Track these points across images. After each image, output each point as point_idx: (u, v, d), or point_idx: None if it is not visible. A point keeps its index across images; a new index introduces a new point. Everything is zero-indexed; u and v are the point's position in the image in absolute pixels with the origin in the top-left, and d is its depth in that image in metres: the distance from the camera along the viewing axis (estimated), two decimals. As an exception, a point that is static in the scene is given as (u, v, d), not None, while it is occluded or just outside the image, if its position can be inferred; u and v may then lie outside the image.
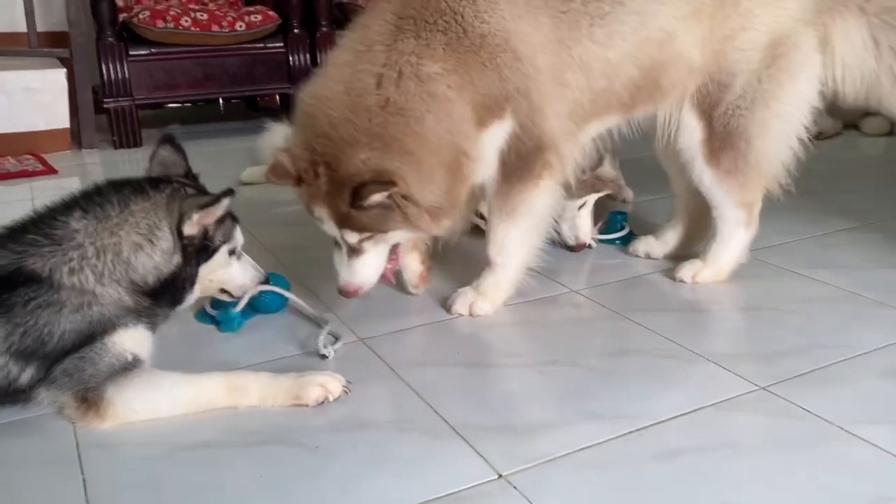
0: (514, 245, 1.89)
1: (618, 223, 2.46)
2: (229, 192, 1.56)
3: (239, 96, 5.08)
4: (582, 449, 1.36)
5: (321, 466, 1.33)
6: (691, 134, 1.95)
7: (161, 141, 1.71)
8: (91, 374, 1.45)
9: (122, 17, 4.17)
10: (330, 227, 1.71)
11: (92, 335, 1.46)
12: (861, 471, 1.30)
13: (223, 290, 1.75)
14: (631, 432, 1.41)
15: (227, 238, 1.65)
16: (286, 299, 1.90)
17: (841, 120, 3.90)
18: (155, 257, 1.54)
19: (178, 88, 4.23)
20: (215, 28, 4.13)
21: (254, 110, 5.16)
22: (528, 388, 1.61)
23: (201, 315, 1.93)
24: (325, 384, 1.53)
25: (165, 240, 1.54)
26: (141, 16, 4.02)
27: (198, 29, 4.10)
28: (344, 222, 1.68)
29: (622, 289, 2.10)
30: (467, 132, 1.70)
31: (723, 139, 1.92)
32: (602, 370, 1.65)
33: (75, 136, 4.10)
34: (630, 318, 1.89)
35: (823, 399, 1.51)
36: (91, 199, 1.54)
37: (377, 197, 1.60)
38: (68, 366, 1.44)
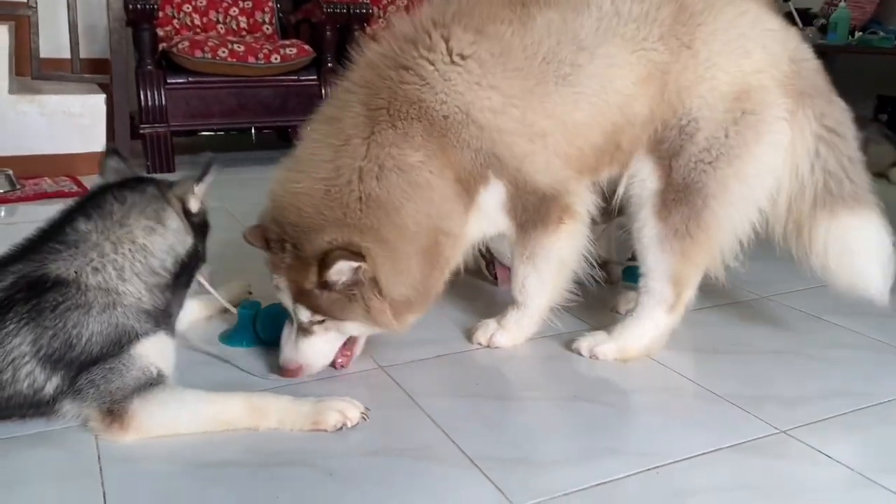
0: (535, 287, 1.88)
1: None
2: (213, 158, 1.64)
3: (271, 126, 5.17)
4: (598, 484, 1.36)
5: (338, 492, 1.34)
6: (644, 182, 1.78)
7: (107, 154, 1.73)
8: (118, 387, 1.48)
9: (161, 46, 4.29)
10: (285, 298, 1.69)
11: (118, 341, 1.50)
12: (882, 519, 1.28)
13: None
14: (648, 470, 1.40)
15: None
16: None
17: (869, 169, 3.88)
18: (168, 237, 1.60)
19: (212, 117, 4.33)
20: (251, 60, 4.23)
21: (285, 141, 5.24)
22: (546, 422, 1.61)
23: (227, 339, 1.95)
24: (344, 411, 1.54)
25: (173, 219, 1.61)
26: (180, 45, 4.14)
27: (234, 60, 4.20)
28: (300, 297, 1.65)
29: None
30: (448, 211, 1.71)
31: (679, 192, 1.74)
32: (621, 407, 1.65)
33: (111, 160, 4.19)
34: (651, 356, 1.88)
35: (845, 445, 1.50)
36: (88, 204, 1.60)
37: (343, 266, 1.57)
38: (95, 377, 1.48)
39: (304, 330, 1.69)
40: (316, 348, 1.71)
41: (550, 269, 1.86)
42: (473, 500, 1.32)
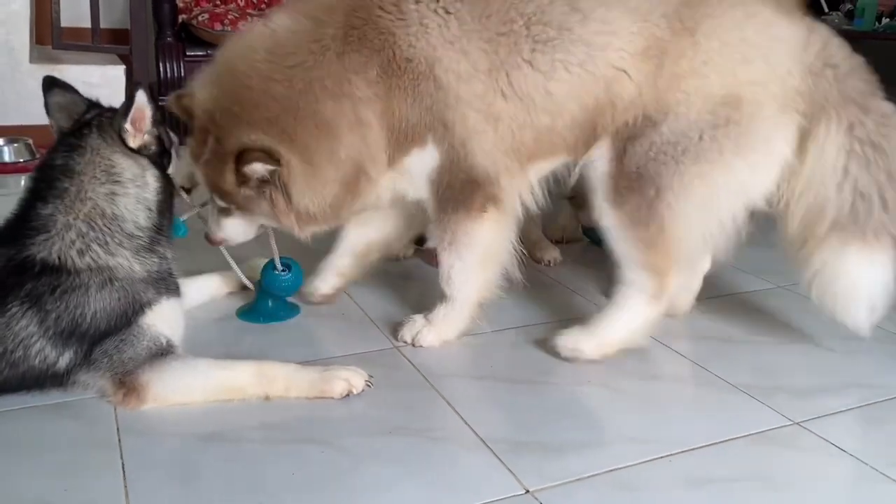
0: (460, 277, 1.80)
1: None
2: (137, 86, 1.60)
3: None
4: (611, 470, 1.37)
5: (352, 470, 1.36)
6: (595, 162, 1.69)
7: (46, 87, 1.67)
8: (130, 357, 1.51)
9: (181, 18, 4.28)
10: (202, 187, 1.73)
11: (124, 314, 1.52)
12: (894, 513, 1.29)
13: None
14: (662, 457, 1.41)
15: (171, 140, 1.71)
16: (298, 284, 1.95)
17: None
18: (131, 191, 1.58)
19: (231, 90, 4.32)
20: (271, 33, 4.22)
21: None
22: (560, 407, 1.61)
23: (243, 314, 1.97)
24: (350, 379, 1.57)
25: (127, 168, 1.59)
26: (200, 18, 4.12)
27: (254, 33, 4.19)
28: (215, 188, 1.69)
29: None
30: (375, 156, 1.66)
31: (631, 180, 1.64)
32: (635, 394, 1.65)
33: (129, 131, 4.20)
34: (666, 344, 1.88)
35: (859, 438, 1.50)
36: (40, 186, 1.58)
37: (258, 167, 1.58)
38: (108, 348, 1.50)
39: (223, 211, 1.75)
40: (234, 227, 1.78)
41: (474, 258, 1.77)
42: (486, 482, 1.33)
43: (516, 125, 1.66)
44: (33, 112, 3.88)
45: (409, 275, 2.33)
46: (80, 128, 1.61)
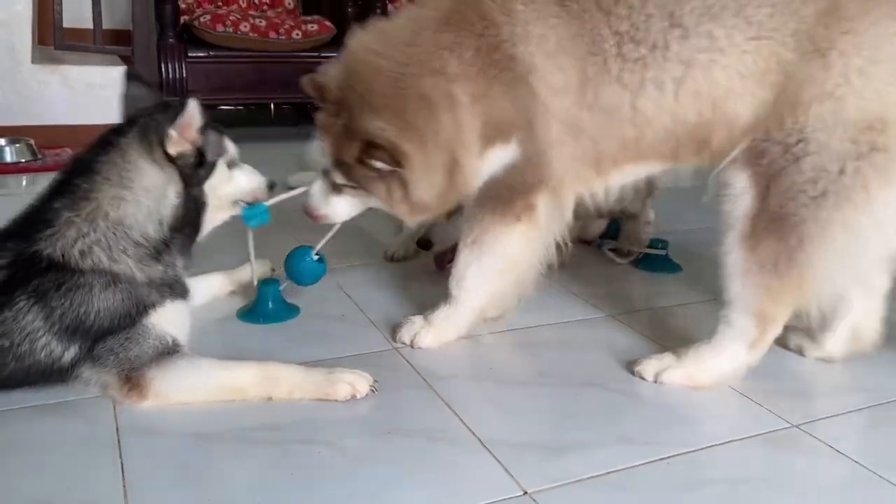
0: (473, 281, 1.78)
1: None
2: (190, 97, 1.59)
3: (291, 102, 5.18)
4: (610, 472, 1.37)
5: (351, 470, 1.36)
6: (737, 199, 1.56)
7: (125, 79, 1.70)
8: (136, 355, 1.51)
9: (183, 19, 4.29)
10: (327, 158, 1.74)
11: (128, 314, 1.53)
12: (892, 517, 1.29)
13: (235, 203, 1.80)
14: (660, 459, 1.41)
15: (220, 151, 1.70)
16: (322, 271, 1.97)
17: None
18: (143, 202, 1.57)
19: (232, 91, 4.34)
20: (273, 35, 4.23)
21: (303, 117, 5.25)
22: (559, 408, 1.61)
23: (244, 315, 1.98)
24: (354, 382, 1.57)
25: (147, 176, 1.57)
26: (202, 19, 4.14)
27: (256, 35, 4.20)
28: (340, 163, 1.70)
29: (659, 316, 2.09)
30: (468, 143, 1.64)
31: (773, 221, 1.51)
32: (635, 396, 1.65)
33: (130, 132, 4.21)
34: (666, 345, 1.88)
35: (858, 442, 1.50)
36: (62, 179, 1.59)
37: (380, 165, 1.61)
38: (113, 345, 1.51)
39: (335, 188, 1.75)
40: (341, 206, 1.78)
41: (493, 264, 1.75)
42: (484, 484, 1.33)
43: (598, 135, 1.64)
44: (35, 112, 3.93)
45: (410, 276, 2.33)
46: (126, 123, 1.61)
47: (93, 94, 4.06)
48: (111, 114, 4.30)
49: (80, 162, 1.59)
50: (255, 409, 1.53)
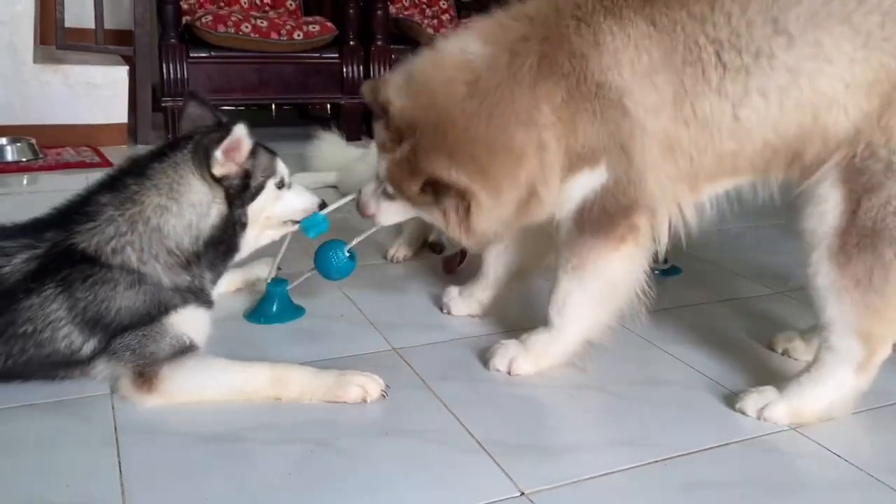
0: (576, 308, 1.70)
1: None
2: (239, 122, 1.60)
3: (291, 103, 5.19)
4: (606, 474, 1.37)
5: (348, 470, 1.36)
6: (823, 215, 1.48)
7: (188, 98, 1.76)
8: (152, 352, 1.54)
9: (185, 19, 4.30)
10: (381, 170, 1.70)
11: (148, 314, 1.55)
12: (888, 520, 1.29)
13: (286, 223, 1.81)
14: (657, 461, 1.41)
15: (270, 172, 1.71)
16: (352, 267, 1.96)
17: None
18: (185, 215, 1.59)
19: (233, 91, 4.34)
20: (274, 36, 4.23)
21: (304, 118, 5.26)
22: (557, 410, 1.62)
23: (249, 315, 1.99)
24: (365, 385, 1.57)
25: (195, 192, 1.60)
26: (203, 19, 4.14)
27: (257, 35, 4.20)
28: (392, 180, 1.67)
29: (656, 319, 2.08)
30: (549, 179, 1.60)
31: (864, 236, 1.44)
32: (631, 398, 1.66)
33: (132, 132, 4.23)
34: (663, 348, 1.89)
35: (854, 444, 1.50)
36: (114, 175, 1.63)
37: (448, 202, 1.60)
38: (130, 341, 1.53)
39: (387, 194, 1.73)
40: (391, 211, 1.76)
41: (598, 289, 1.68)
42: (481, 484, 1.33)
43: (696, 150, 1.57)
44: (36, 112, 3.93)
45: (410, 277, 2.34)
46: (183, 139, 1.65)
47: (95, 93, 4.07)
48: (113, 114, 4.33)
49: (136, 164, 1.63)
50: (253, 409, 1.53)
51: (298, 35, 4.28)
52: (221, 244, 1.66)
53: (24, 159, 3.59)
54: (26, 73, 3.92)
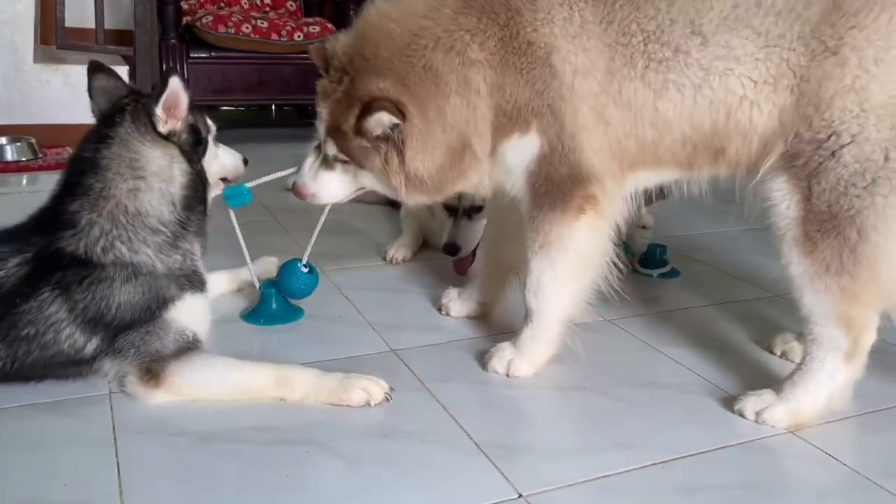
0: (551, 287, 1.71)
1: (657, 256, 2.46)
2: (170, 72, 1.60)
3: (291, 103, 5.19)
4: (604, 476, 1.37)
5: (346, 471, 1.36)
6: (781, 207, 1.53)
7: (91, 71, 1.69)
8: (157, 349, 1.55)
9: (185, 19, 4.30)
10: (320, 127, 1.71)
11: (148, 308, 1.56)
12: (885, 523, 1.29)
13: (221, 180, 1.83)
14: (655, 464, 1.41)
15: (208, 128, 1.72)
16: (314, 283, 1.96)
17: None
18: (155, 186, 1.59)
19: (233, 92, 4.35)
20: (274, 36, 4.24)
21: (304, 118, 5.26)
22: (555, 412, 1.62)
23: (247, 316, 1.99)
24: (369, 388, 1.57)
25: (153, 160, 1.59)
26: (204, 20, 4.15)
27: (257, 36, 4.21)
28: (334, 132, 1.67)
29: (656, 321, 2.10)
30: (481, 131, 1.64)
31: (824, 222, 1.48)
32: (630, 400, 1.66)
33: (132, 132, 4.22)
34: (661, 351, 1.89)
35: (852, 448, 1.50)
36: (71, 181, 1.60)
37: (384, 117, 1.58)
38: (134, 338, 1.54)
39: (326, 163, 1.72)
40: (331, 184, 1.74)
41: (567, 264, 1.69)
42: (479, 486, 1.33)
43: (622, 132, 1.62)
44: (36, 111, 3.93)
45: (409, 278, 2.34)
46: (114, 113, 1.62)
47: (94, 93, 4.06)
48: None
49: (85, 161, 1.60)
50: (251, 409, 1.53)
51: (299, 36, 4.29)
52: (197, 204, 1.67)
53: (23, 159, 3.60)
54: (26, 72, 3.93)
